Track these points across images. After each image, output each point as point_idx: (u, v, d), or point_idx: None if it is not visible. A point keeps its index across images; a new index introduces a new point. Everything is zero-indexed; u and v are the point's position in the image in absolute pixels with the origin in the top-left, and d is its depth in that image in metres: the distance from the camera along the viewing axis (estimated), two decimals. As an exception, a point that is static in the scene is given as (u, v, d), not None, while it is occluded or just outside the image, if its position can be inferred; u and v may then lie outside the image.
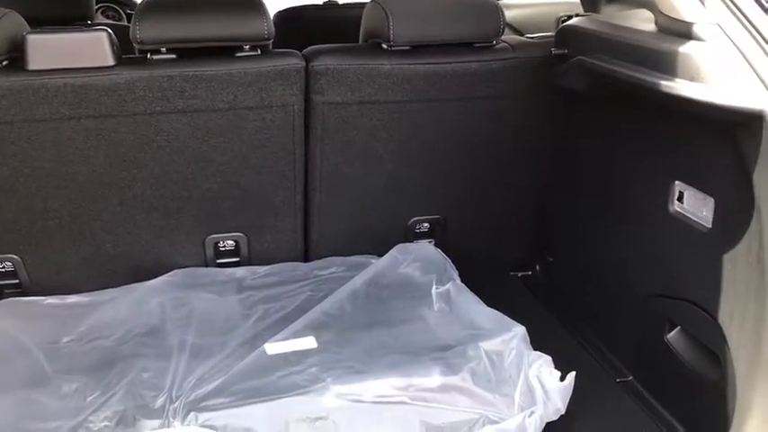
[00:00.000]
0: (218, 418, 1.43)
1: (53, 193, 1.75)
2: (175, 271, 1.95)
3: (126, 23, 3.92)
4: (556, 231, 2.09)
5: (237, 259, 2.01)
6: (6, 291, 1.89)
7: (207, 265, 2.00)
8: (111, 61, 1.62)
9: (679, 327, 1.54)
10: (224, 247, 1.99)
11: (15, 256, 1.84)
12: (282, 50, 1.75)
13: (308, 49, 1.78)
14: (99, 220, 1.83)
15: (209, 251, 1.98)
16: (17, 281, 1.88)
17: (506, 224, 2.16)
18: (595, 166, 1.84)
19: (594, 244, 1.87)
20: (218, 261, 2.00)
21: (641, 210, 1.63)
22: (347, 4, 2.99)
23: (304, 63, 1.72)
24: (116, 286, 1.92)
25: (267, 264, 2.02)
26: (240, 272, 1.99)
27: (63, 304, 1.88)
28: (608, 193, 1.77)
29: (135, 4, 4.14)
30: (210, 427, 1.41)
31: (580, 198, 1.94)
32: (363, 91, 1.76)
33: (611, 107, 1.73)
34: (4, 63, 1.61)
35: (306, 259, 2.07)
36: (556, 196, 2.05)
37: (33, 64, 1.58)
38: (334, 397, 1.50)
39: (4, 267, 1.86)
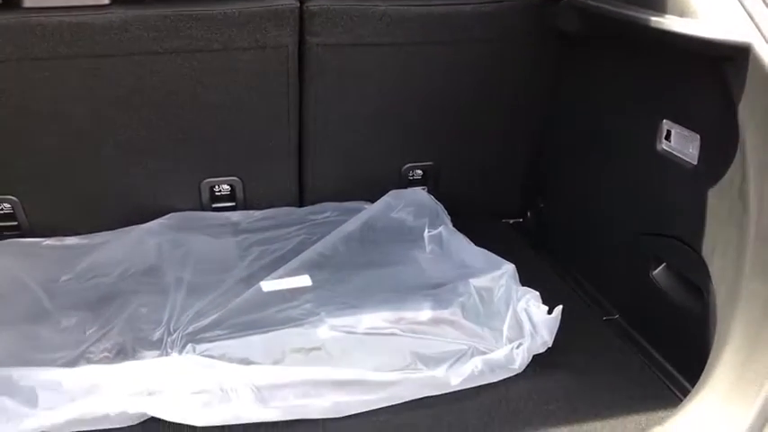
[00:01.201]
0: (215, 348, 1.47)
1: (49, 133, 1.76)
2: (172, 214, 1.97)
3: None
4: (547, 177, 2.12)
5: (233, 204, 2.04)
6: (5, 233, 1.91)
7: (203, 209, 2.02)
8: (106, 0, 1.62)
9: (665, 263, 1.58)
10: (219, 191, 2.02)
11: (13, 198, 1.86)
12: None
13: None
14: (95, 163, 1.85)
15: (205, 195, 2.00)
16: (15, 223, 1.90)
17: (499, 171, 2.18)
18: (587, 110, 1.87)
19: (584, 186, 1.90)
20: (214, 205, 2.03)
21: (630, 149, 1.66)
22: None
23: (298, 3, 1.72)
24: (113, 229, 1.95)
25: (262, 208, 2.04)
26: (236, 216, 2.02)
27: (61, 245, 1.91)
28: (598, 136, 1.80)
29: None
30: (208, 357, 1.45)
31: (571, 142, 1.97)
32: (357, 32, 1.77)
33: (602, 49, 1.75)
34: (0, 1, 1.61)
35: (300, 204, 2.09)
36: (548, 142, 2.08)
37: (29, 1, 1.58)
38: (328, 329, 1.54)
39: (2, 209, 1.88)
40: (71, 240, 1.92)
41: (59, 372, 1.38)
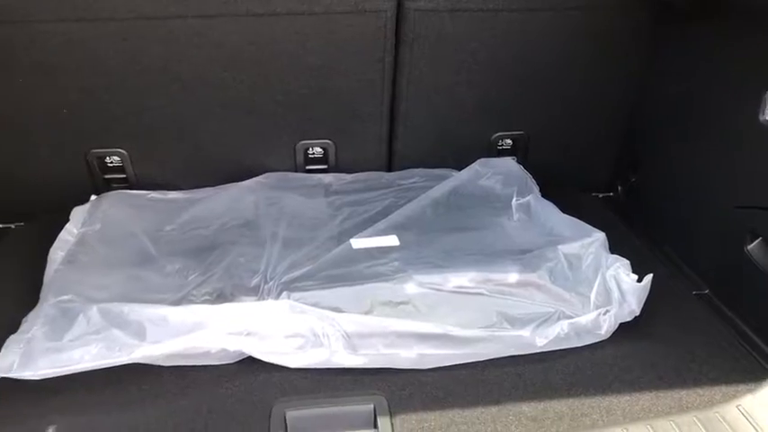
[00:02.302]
0: (308, 297, 1.54)
1: (159, 90, 1.87)
2: (268, 174, 2.06)
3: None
4: (640, 150, 2.08)
5: (325, 166, 2.11)
6: (114, 184, 2.04)
7: (296, 171, 2.10)
8: None
9: (761, 237, 1.54)
10: (313, 153, 2.08)
11: (123, 151, 1.98)
12: None
13: None
14: (200, 121, 1.95)
15: (300, 157, 2.07)
16: (124, 175, 2.03)
17: (589, 144, 2.16)
18: (683, 82, 1.83)
19: (680, 160, 1.86)
20: (307, 167, 2.10)
21: (730, 121, 1.62)
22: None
23: None
24: (212, 185, 2.05)
25: (352, 172, 2.10)
26: (327, 178, 2.08)
27: (164, 198, 2.02)
28: (696, 108, 1.76)
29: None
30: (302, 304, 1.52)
31: (667, 115, 1.93)
32: None
33: (703, 19, 1.71)
34: None
35: (389, 169, 2.14)
36: (642, 114, 2.04)
37: None
38: (416, 285, 1.58)
39: (112, 162, 2.00)
40: (174, 194, 2.03)
41: (165, 309, 1.47)
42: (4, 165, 1.94)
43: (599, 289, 1.55)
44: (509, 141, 2.14)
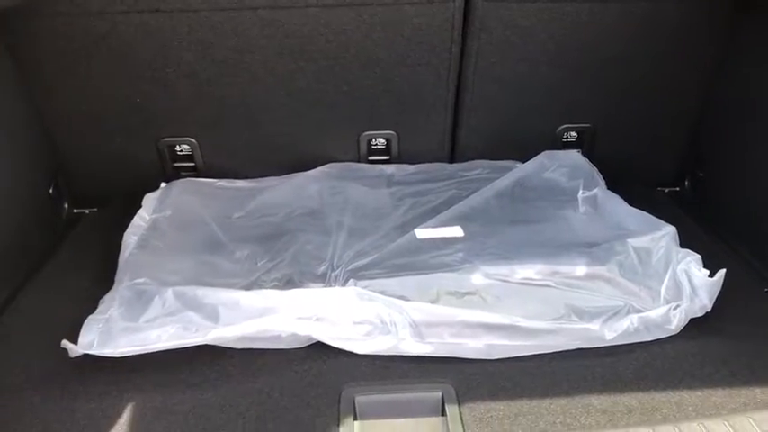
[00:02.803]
0: (374, 285, 1.55)
1: (229, 81, 1.90)
2: (331, 164, 2.09)
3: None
4: (709, 144, 2.04)
5: (387, 157, 2.12)
6: (183, 172, 2.10)
7: (359, 161, 2.12)
8: None
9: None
10: (376, 144, 2.10)
11: (193, 140, 2.03)
12: None
13: None
14: (267, 110, 1.98)
15: (363, 147, 2.09)
16: (193, 164, 2.08)
17: (657, 137, 2.13)
18: (758, 78, 1.78)
19: (753, 155, 1.81)
20: (370, 158, 2.12)
21: None
22: None
23: None
24: (277, 175, 2.09)
25: (415, 163, 2.11)
26: (390, 168, 2.10)
27: (232, 187, 2.07)
28: None
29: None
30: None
31: (739, 110, 1.88)
32: None
33: None
34: None
35: (452, 161, 2.14)
36: (712, 109, 1.99)
37: None
38: (482, 276, 1.58)
39: (182, 150, 2.06)
40: (240, 183, 2.08)
41: (237, 293, 1.51)
42: (80, 153, 2.02)
43: (669, 283, 1.53)
44: (574, 134, 2.12)
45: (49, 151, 1.97)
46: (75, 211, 2.10)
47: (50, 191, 1.97)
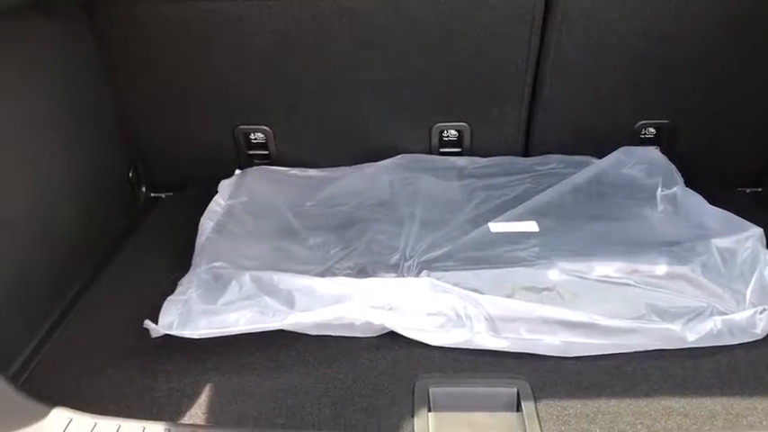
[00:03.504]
0: (448, 277, 1.54)
1: (306, 70, 1.92)
2: (403, 155, 2.08)
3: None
4: None
5: (459, 150, 2.10)
6: (256, 160, 2.12)
7: (430, 153, 2.11)
8: None
9: None
10: (447, 136, 2.09)
11: (267, 129, 2.05)
12: None
13: None
14: (341, 100, 1.99)
15: (434, 139, 2.08)
16: (266, 152, 2.11)
17: (740, 136, 2.05)
18: None
19: None
20: (441, 150, 2.11)
21: None
22: None
23: None
24: (349, 164, 2.09)
25: (487, 156, 2.09)
26: (461, 161, 2.08)
27: (304, 176, 2.09)
28: None
29: None
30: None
31: None
32: None
33: None
34: None
35: (525, 154, 2.11)
36: None
37: None
38: (559, 272, 1.55)
39: (256, 138, 2.08)
40: (312, 172, 2.10)
41: (312, 280, 1.53)
42: (158, 138, 2.06)
43: (755, 286, 1.48)
44: (653, 130, 2.06)
45: (129, 136, 2.02)
46: (152, 195, 2.16)
47: (129, 175, 2.03)
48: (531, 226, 1.75)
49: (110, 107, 1.93)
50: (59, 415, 1.17)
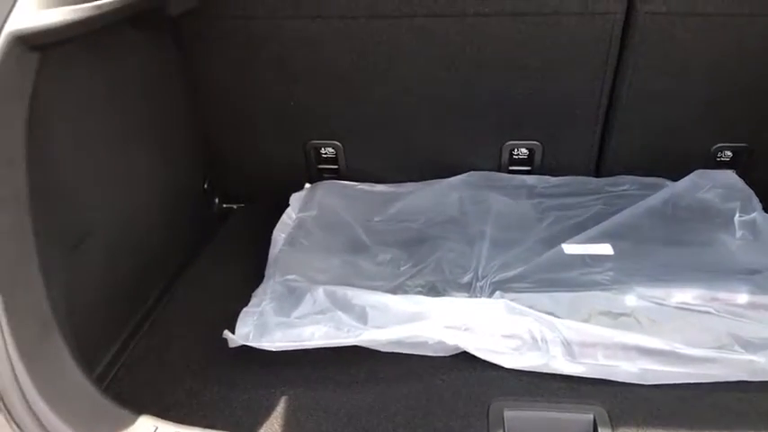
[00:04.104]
0: (522, 298, 1.53)
1: (379, 87, 1.94)
2: (472, 172, 2.07)
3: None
4: None
5: (529, 168, 2.09)
6: (325, 174, 2.15)
7: (500, 170, 2.10)
8: None
9: None
10: (518, 154, 2.07)
11: (338, 143, 2.08)
12: None
13: None
14: (413, 117, 2.00)
15: (505, 157, 2.07)
16: (336, 167, 2.13)
17: None
18: None
19: None
20: (511, 168, 2.09)
21: None
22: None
23: None
24: (416, 180, 2.10)
25: (558, 175, 2.07)
26: (532, 179, 2.06)
27: (372, 191, 2.10)
28: None
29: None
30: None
31: None
32: (693, 2, 1.71)
33: None
34: None
35: (597, 175, 2.08)
36: None
37: None
38: (636, 297, 1.52)
39: (326, 153, 2.11)
40: (380, 187, 2.11)
41: (385, 297, 1.53)
42: (233, 151, 2.11)
43: None
44: (729, 153, 2.02)
45: (205, 148, 2.07)
46: (224, 206, 2.20)
47: (204, 186, 2.08)
48: (606, 249, 1.73)
49: (188, 120, 1.98)
50: (145, 423, 1.21)
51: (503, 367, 1.42)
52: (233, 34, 1.85)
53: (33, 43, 1.11)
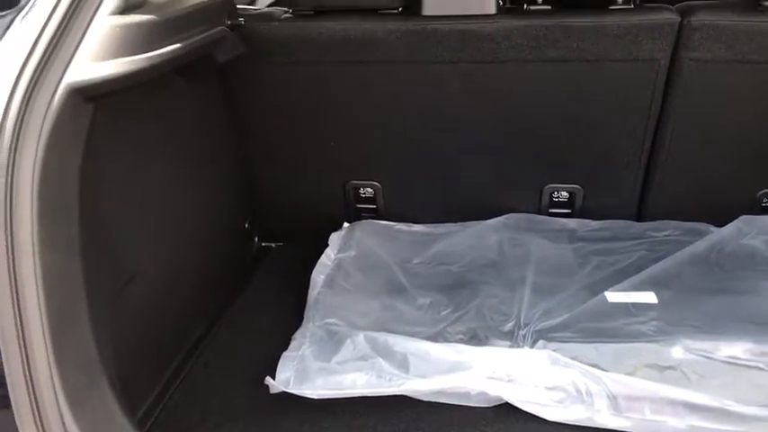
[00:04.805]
0: (566, 349, 1.51)
1: (420, 130, 1.95)
2: (511, 214, 2.06)
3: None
4: None
5: (569, 211, 2.07)
6: (363, 213, 2.15)
7: (540, 213, 2.09)
8: (493, 10, 1.74)
9: None
10: (558, 197, 2.06)
11: (377, 184, 2.08)
12: (655, 5, 1.74)
13: (683, 3, 1.75)
14: (453, 160, 2.00)
15: (545, 200, 2.06)
16: (374, 206, 2.13)
17: None
18: None
19: None
20: (551, 210, 2.08)
21: None
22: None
23: (678, 18, 1.69)
24: (455, 221, 2.09)
25: (598, 219, 2.05)
26: (572, 223, 2.05)
27: (410, 231, 2.10)
28: None
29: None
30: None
31: None
32: (739, 49, 1.69)
33: None
34: (399, 9, 1.81)
35: (638, 219, 2.06)
36: None
37: (428, 10, 1.76)
38: (683, 350, 1.50)
39: (365, 193, 2.12)
40: (418, 227, 2.11)
41: (426, 344, 1.52)
42: (273, 190, 2.13)
43: None
44: None
45: (247, 189, 2.09)
46: (263, 244, 2.22)
47: (246, 225, 2.09)
48: (650, 297, 1.70)
49: (232, 161, 2.00)
50: (189, 471, 1.21)
51: (546, 420, 1.40)
52: (276, 78, 1.88)
53: (88, 95, 1.14)
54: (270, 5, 2.23)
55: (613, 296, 1.70)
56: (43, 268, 1.06)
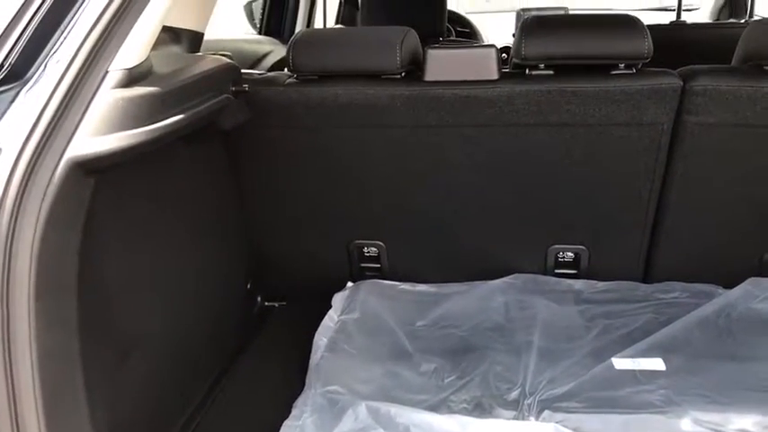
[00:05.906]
0: (572, 420, 1.48)
1: (424, 192, 1.95)
2: (517, 275, 2.05)
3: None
4: None
5: (575, 271, 2.06)
6: (367, 272, 2.14)
7: (545, 273, 2.07)
8: (495, 75, 1.76)
9: None
10: (563, 258, 2.04)
11: (381, 243, 2.08)
12: (657, 69, 1.75)
13: (685, 68, 1.76)
14: (456, 221, 2.00)
15: (550, 260, 2.04)
16: (378, 265, 2.12)
17: None
18: None
19: None
20: (557, 271, 2.06)
21: None
22: (698, 24, 2.89)
23: (681, 83, 1.70)
24: (459, 281, 2.07)
25: (604, 280, 2.03)
26: (578, 284, 2.02)
27: (414, 291, 2.08)
28: None
29: (466, 21, 4.41)
30: (565, 427, 1.46)
31: None
32: (741, 113, 1.69)
33: None
34: (402, 74, 1.82)
35: (645, 280, 2.04)
36: None
37: (430, 75, 1.77)
38: (692, 422, 1.46)
39: (369, 252, 2.11)
40: (422, 287, 2.09)
41: (430, 416, 1.49)
42: (277, 250, 2.12)
43: None
44: None
45: (250, 250, 2.09)
46: (266, 304, 2.20)
47: (248, 286, 2.08)
48: (658, 364, 1.67)
49: (235, 223, 2.00)
50: None
51: (554, 496, 1.36)
52: (280, 141, 1.89)
53: (90, 168, 1.14)
54: (271, 69, 2.26)
55: (620, 363, 1.67)
56: (39, 348, 1.05)
